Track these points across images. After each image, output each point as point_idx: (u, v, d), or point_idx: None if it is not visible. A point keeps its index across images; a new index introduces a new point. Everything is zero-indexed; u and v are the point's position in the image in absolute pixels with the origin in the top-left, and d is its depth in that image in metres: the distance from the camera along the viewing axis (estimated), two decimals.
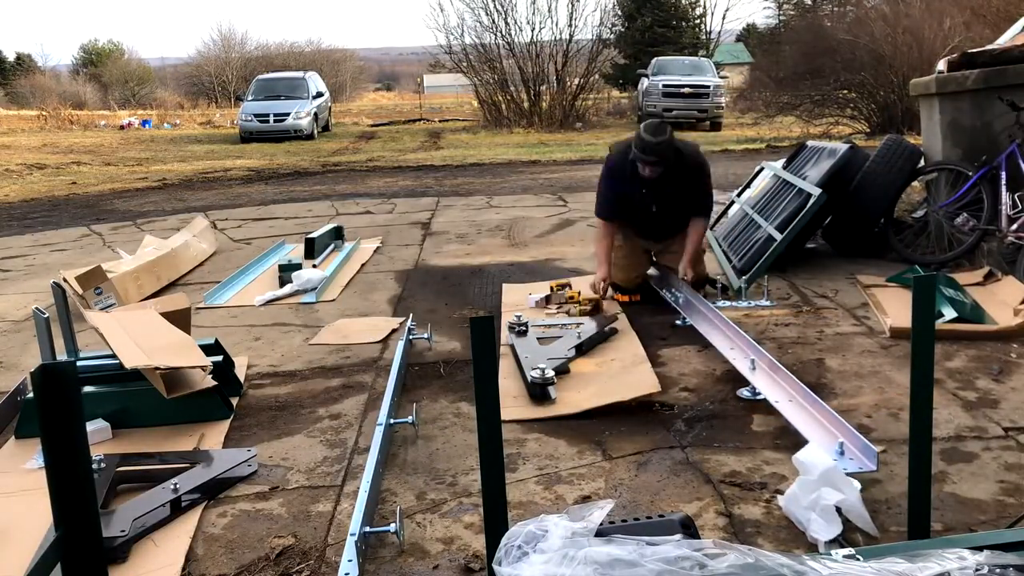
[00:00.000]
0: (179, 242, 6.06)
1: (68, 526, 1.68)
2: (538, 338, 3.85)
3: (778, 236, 4.76)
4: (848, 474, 2.30)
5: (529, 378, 3.24)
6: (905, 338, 3.57)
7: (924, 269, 4.83)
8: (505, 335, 3.92)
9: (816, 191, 4.79)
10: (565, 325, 4.02)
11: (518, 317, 4.00)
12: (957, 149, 5.41)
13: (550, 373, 3.22)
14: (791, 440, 2.74)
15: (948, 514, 2.33)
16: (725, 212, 6.66)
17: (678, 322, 4.13)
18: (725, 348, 3.45)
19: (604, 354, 3.70)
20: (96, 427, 3.00)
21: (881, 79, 14.37)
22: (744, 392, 3.20)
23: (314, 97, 20.61)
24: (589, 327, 3.92)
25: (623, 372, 3.46)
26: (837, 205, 5.31)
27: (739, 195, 6.59)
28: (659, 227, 4.58)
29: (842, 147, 5.46)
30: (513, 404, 3.17)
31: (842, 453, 2.46)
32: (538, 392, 3.20)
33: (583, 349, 3.71)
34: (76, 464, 1.68)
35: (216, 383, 3.19)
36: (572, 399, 3.21)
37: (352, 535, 2.16)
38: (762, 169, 6.76)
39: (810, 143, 6.37)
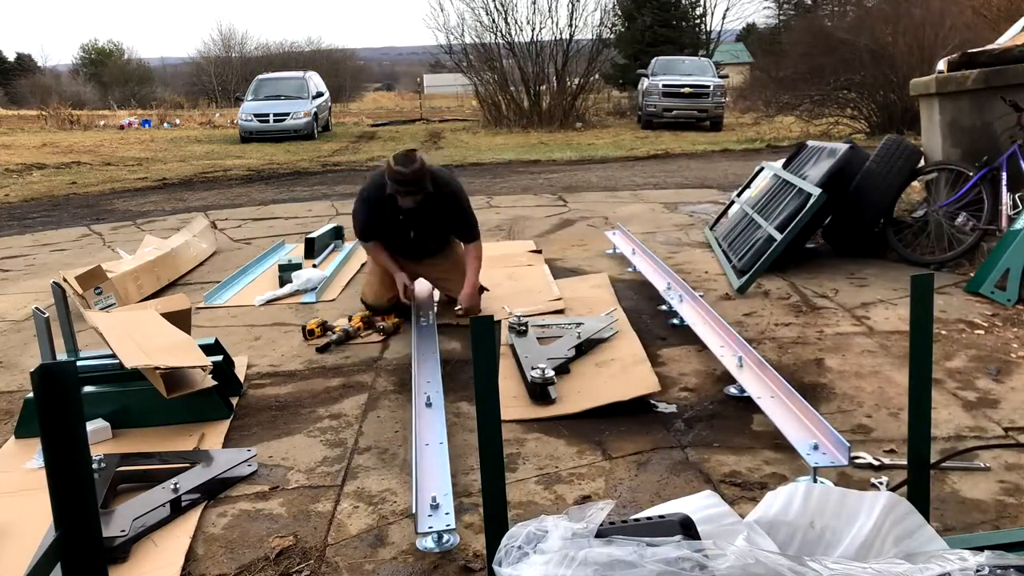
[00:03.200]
0: (179, 242, 6.06)
1: (68, 526, 1.68)
2: (538, 338, 3.85)
3: (778, 236, 4.77)
4: (823, 467, 2.44)
5: (529, 378, 3.24)
6: None
7: (923, 269, 4.84)
8: (505, 335, 3.92)
9: (816, 191, 4.79)
10: (565, 325, 4.02)
11: (518, 317, 4.00)
12: (957, 149, 5.41)
13: (550, 373, 3.22)
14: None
15: (948, 514, 2.33)
16: (725, 212, 6.67)
17: (675, 321, 4.13)
18: (716, 346, 3.50)
19: (604, 354, 3.70)
20: (96, 427, 3.00)
21: (881, 79, 14.36)
22: (731, 389, 3.23)
23: (314, 97, 20.59)
24: (589, 327, 3.93)
25: (623, 372, 3.46)
26: (837, 205, 5.31)
27: (739, 195, 6.59)
28: (419, 249, 4.42)
29: (842, 147, 5.46)
30: (513, 404, 3.17)
31: (816, 448, 2.52)
32: (538, 392, 3.20)
33: (583, 349, 3.71)
34: (76, 464, 1.68)
35: (216, 383, 3.19)
36: (572, 399, 3.21)
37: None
38: (762, 169, 6.76)
39: (810, 143, 6.37)
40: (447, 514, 2.28)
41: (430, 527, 2.24)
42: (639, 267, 5.10)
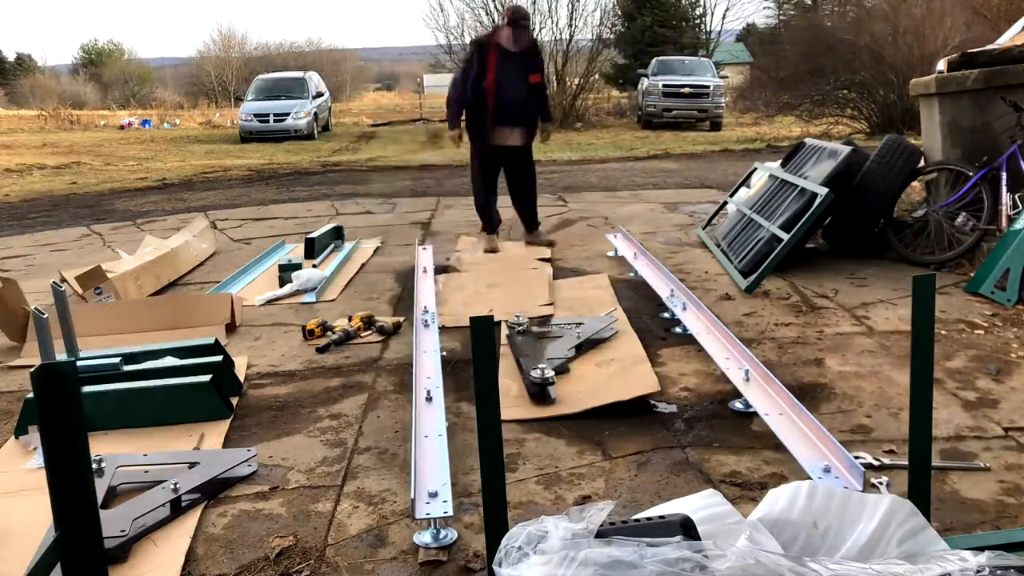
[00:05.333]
0: (179, 242, 6.06)
1: (68, 526, 1.68)
2: (538, 338, 3.85)
3: (784, 236, 4.76)
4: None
5: (529, 378, 3.24)
6: None
7: (923, 269, 4.84)
8: (505, 335, 3.92)
9: (823, 190, 4.79)
10: (565, 325, 4.02)
11: (518, 317, 4.00)
12: (957, 149, 5.41)
13: (550, 373, 3.22)
14: None
15: (948, 514, 2.33)
16: (717, 213, 6.68)
17: (677, 330, 4.09)
18: (721, 358, 3.42)
19: (604, 354, 3.70)
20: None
21: (881, 79, 14.37)
22: (737, 404, 3.12)
23: (314, 97, 20.60)
24: (589, 327, 3.92)
25: (622, 372, 3.46)
26: (837, 205, 5.31)
27: (732, 196, 6.59)
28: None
29: (844, 148, 5.46)
30: (513, 404, 3.17)
31: (828, 471, 2.43)
32: (538, 392, 3.20)
33: (583, 349, 3.71)
34: (76, 464, 1.68)
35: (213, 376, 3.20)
36: (572, 399, 3.21)
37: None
38: (755, 170, 6.76)
39: (808, 141, 6.35)
40: (444, 502, 2.30)
41: (427, 514, 2.25)
42: (641, 272, 5.07)
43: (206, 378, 3.24)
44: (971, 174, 5.04)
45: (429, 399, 3.00)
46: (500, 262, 5.65)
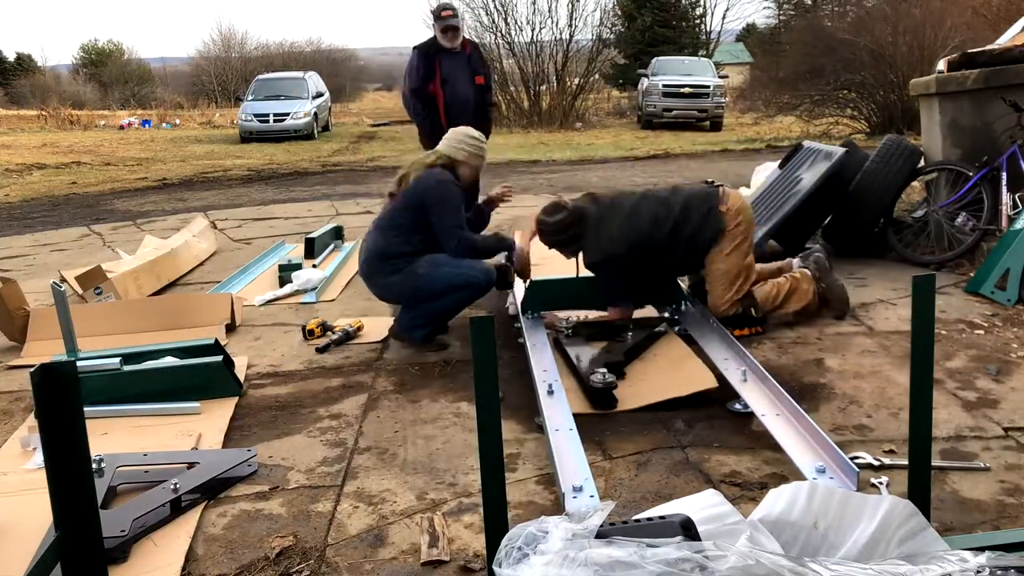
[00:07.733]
0: (179, 242, 6.06)
1: (68, 526, 1.68)
2: (588, 339, 3.81)
3: None
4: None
5: (591, 383, 3.19)
6: None
7: (923, 269, 4.84)
8: (552, 336, 3.88)
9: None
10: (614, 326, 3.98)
11: (564, 320, 3.96)
12: (957, 149, 5.41)
13: (611, 377, 3.18)
14: None
15: (948, 514, 2.33)
16: None
17: (676, 329, 4.07)
18: (719, 358, 3.42)
19: (648, 352, 3.69)
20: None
21: (881, 79, 14.36)
22: (736, 405, 3.09)
23: (314, 97, 20.59)
24: (637, 329, 3.90)
25: (673, 368, 3.45)
26: (837, 205, 5.31)
27: None
28: None
29: (838, 151, 5.45)
30: (572, 400, 3.17)
31: (823, 471, 2.43)
32: (599, 396, 3.16)
33: (635, 353, 3.65)
34: (76, 464, 1.68)
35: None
36: (627, 396, 3.22)
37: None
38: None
39: (807, 143, 6.33)
40: (591, 497, 2.34)
41: (577, 509, 2.28)
42: None
43: (218, 358, 3.45)
44: (971, 174, 5.05)
45: (551, 392, 3.03)
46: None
